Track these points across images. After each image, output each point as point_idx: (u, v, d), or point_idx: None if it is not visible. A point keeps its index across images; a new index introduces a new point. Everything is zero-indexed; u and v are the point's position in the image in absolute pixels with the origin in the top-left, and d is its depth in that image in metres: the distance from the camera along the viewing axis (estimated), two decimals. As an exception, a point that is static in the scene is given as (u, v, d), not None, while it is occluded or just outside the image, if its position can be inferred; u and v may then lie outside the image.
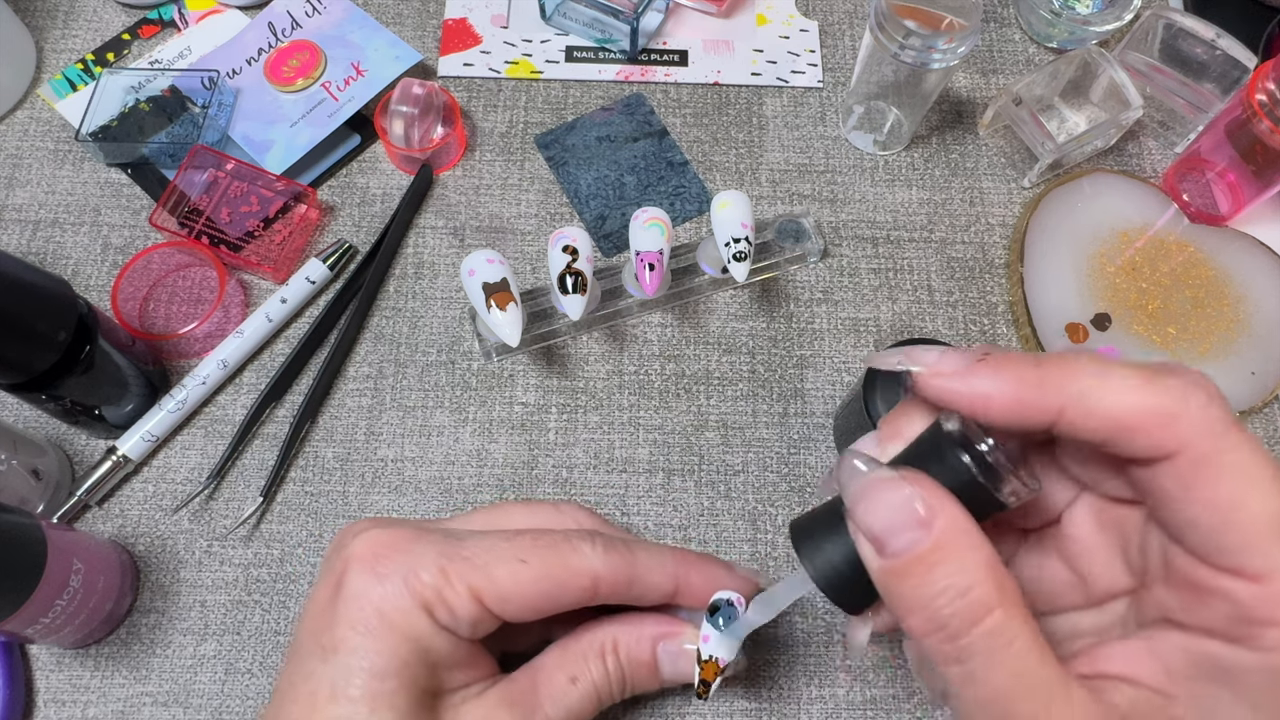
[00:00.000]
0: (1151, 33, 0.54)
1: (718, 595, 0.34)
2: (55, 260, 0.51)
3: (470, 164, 0.55)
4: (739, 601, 0.34)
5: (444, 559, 0.32)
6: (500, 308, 0.43)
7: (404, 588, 0.31)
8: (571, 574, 0.33)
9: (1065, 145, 0.52)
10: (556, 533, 0.34)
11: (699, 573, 0.35)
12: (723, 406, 0.49)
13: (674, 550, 0.36)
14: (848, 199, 0.54)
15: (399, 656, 0.31)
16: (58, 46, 0.57)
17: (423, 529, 0.34)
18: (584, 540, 0.34)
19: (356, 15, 0.57)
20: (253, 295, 0.51)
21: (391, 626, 0.31)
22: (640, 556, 0.34)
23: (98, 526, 0.45)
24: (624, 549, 0.34)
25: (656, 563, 0.35)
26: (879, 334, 0.51)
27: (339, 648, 0.31)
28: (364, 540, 0.32)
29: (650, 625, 0.35)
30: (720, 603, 0.34)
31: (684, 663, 0.35)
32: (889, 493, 0.23)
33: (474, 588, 0.32)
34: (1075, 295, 0.51)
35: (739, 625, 0.34)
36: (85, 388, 0.42)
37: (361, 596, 0.31)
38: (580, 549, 0.33)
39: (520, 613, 0.33)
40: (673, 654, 0.35)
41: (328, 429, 0.48)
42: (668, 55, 0.58)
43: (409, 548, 0.32)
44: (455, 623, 0.32)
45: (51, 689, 0.42)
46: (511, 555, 0.32)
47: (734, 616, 0.34)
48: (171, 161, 0.53)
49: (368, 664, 0.30)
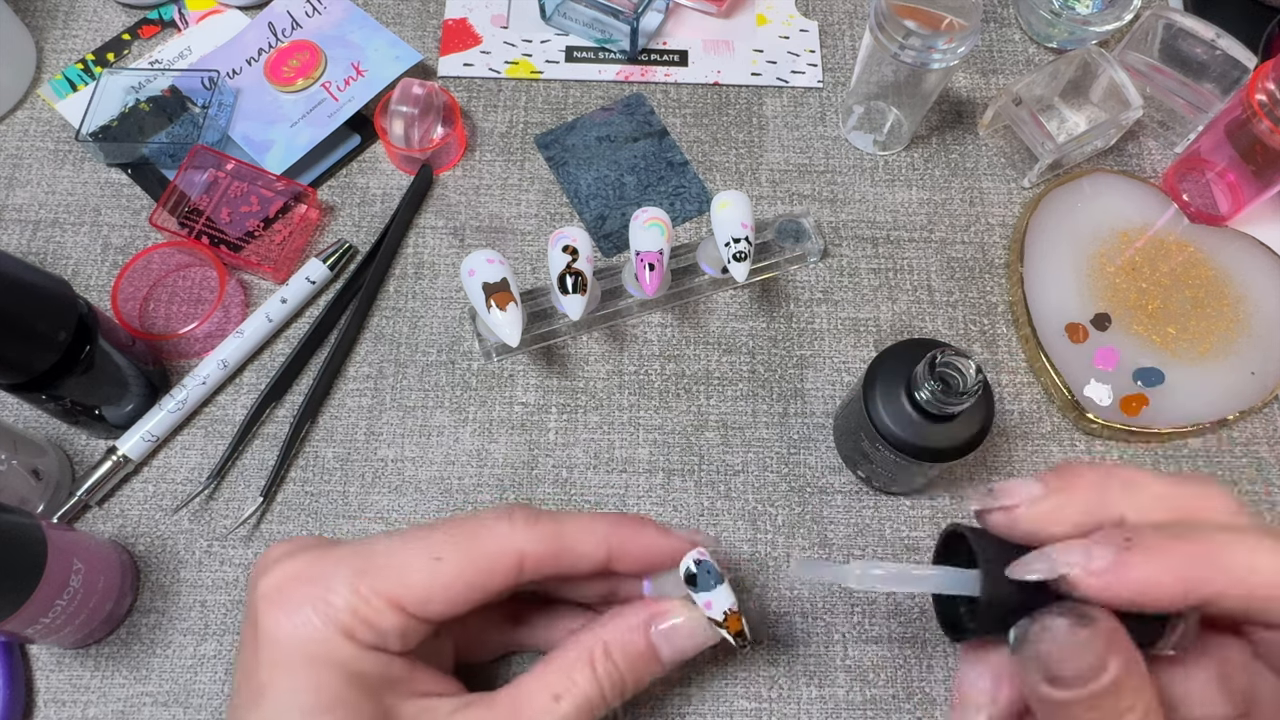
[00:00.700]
0: (1151, 33, 0.54)
1: (686, 562, 0.34)
2: (55, 260, 0.51)
3: (470, 164, 0.55)
4: (705, 555, 0.34)
5: (354, 577, 0.31)
6: (500, 308, 0.43)
7: (317, 618, 0.30)
8: (492, 557, 0.32)
9: (1065, 145, 0.52)
10: (471, 518, 0.33)
11: (632, 537, 0.34)
12: (723, 406, 0.49)
13: (604, 516, 0.35)
14: (848, 199, 0.54)
15: (329, 689, 0.30)
16: (58, 46, 0.57)
17: (331, 547, 0.33)
18: (500, 519, 0.33)
19: (356, 15, 0.57)
20: (253, 295, 0.51)
21: (313, 660, 0.30)
22: (567, 526, 0.33)
23: (98, 526, 0.45)
24: (548, 519, 0.33)
25: (585, 530, 0.34)
26: (879, 334, 0.51)
27: (266, 692, 0.30)
28: (271, 577, 0.31)
29: (633, 614, 0.35)
30: (693, 569, 0.33)
31: (680, 639, 0.34)
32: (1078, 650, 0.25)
33: (391, 597, 0.31)
34: (1075, 295, 0.51)
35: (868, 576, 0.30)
36: (85, 388, 0.42)
37: (277, 636, 0.30)
38: (496, 529, 0.33)
39: (447, 609, 0.32)
40: (666, 633, 0.34)
41: (328, 429, 0.48)
42: (668, 55, 0.58)
43: (316, 575, 0.31)
44: (381, 638, 0.31)
45: (51, 689, 0.42)
46: (424, 554, 0.32)
47: (712, 571, 0.33)
48: (172, 161, 0.53)
49: (297, 703, 0.30)
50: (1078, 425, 0.48)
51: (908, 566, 0.30)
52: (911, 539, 0.46)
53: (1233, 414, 0.48)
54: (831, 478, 0.47)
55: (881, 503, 0.47)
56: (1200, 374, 0.49)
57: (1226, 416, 0.48)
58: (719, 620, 0.34)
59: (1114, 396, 0.48)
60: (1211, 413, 0.48)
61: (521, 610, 0.40)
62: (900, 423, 0.40)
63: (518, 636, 0.40)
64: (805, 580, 0.32)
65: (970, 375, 0.37)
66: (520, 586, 0.33)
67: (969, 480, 0.47)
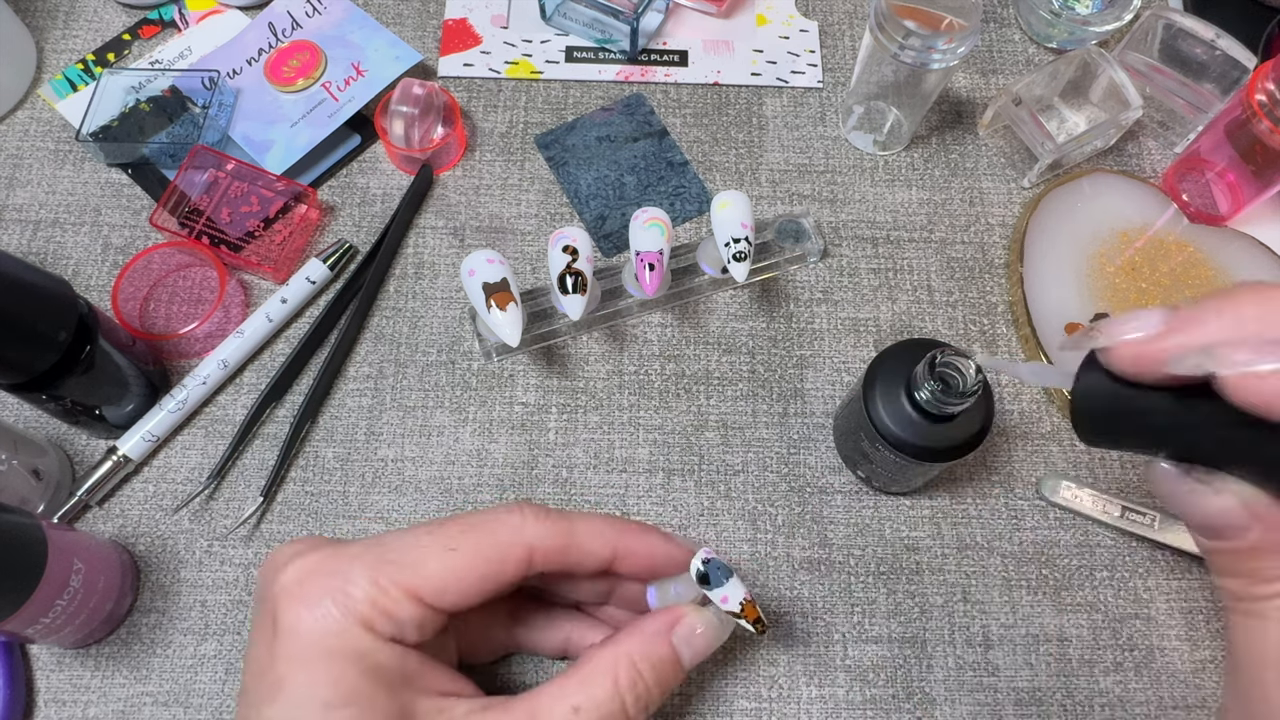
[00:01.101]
0: (1151, 33, 0.54)
1: (695, 563, 0.35)
2: (56, 260, 0.51)
3: (470, 164, 0.55)
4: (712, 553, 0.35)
5: (372, 569, 0.31)
6: (500, 308, 0.43)
7: (338, 610, 0.31)
8: (503, 547, 0.33)
9: (1065, 145, 0.52)
10: (482, 512, 0.34)
11: (637, 539, 0.35)
12: (723, 406, 0.49)
13: (611, 518, 0.36)
14: (848, 199, 0.54)
15: (347, 683, 0.30)
16: (58, 47, 0.57)
17: (345, 544, 0.33)
18: (511, 512, 0.34)
19: (356, 15, 0.57)
20: (253, 295, 0.51)
21: (332, 654, 0.30)
22: (577, 524, 0.34)
23: (98, 526, 0.45)
24: (559, 515, 0.34)
25: (594, 529, 0.35)
26: (879, 334, 0.51)
27: (283, 686, 0.30)
28: (290, 571, 0.32)
29: (651, 624, 0.35)
30: (703, 568, 0.35)
31: (699, 641, 0.35)
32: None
33: (408, 587, 0.31)
34: (1075, 295, 0.51)
35: (1027, 369, 0.33)
36: (85, 388, 0.42)
37: (297, 629, 0.31)
38: (508, 521, 0.33)
39: (462, 599, 0.32)
40: (686, 638, 0.35)
41: (328, 429, 0.48)
42: (668, 55, 0.58)
43: (335, 568, 0.32)
44: (399, 629, 0.31)
45: (52, 689, 0.42)
46: (438, 545, 0.32)
47: (721, 566, 0.35)
48: (172, 161, 0.53)
49: (316, 696, 0.30)
50: (1078, 425, 0.48)
51: (1034, 364, 0.31)
52: (911, 539, 0.46)
53: (1232, 414, 0.48)
54: (831, 478, 0.47)
55: (881, 503, 0.47)
56: (1200, 374, 0.49)
57: (1226, 416, 0.48)
58: (736, 611, 0.35)
59: (1114, 396, 0.48)
60: (1211, 413, 0.48)
61: (521, 610, 0.40)
62: (900, 423, 0.40)
63: (517, 636, 0.40)
64: (988, 368, 0.34)
65: (970, 375, 0.37)
66: (528, 581, 0.34)
67: (969, 480, 0.47)
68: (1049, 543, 0.46)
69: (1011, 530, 0.46)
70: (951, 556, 0.46)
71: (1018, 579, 0.45)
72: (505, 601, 0.39)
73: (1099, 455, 0.48)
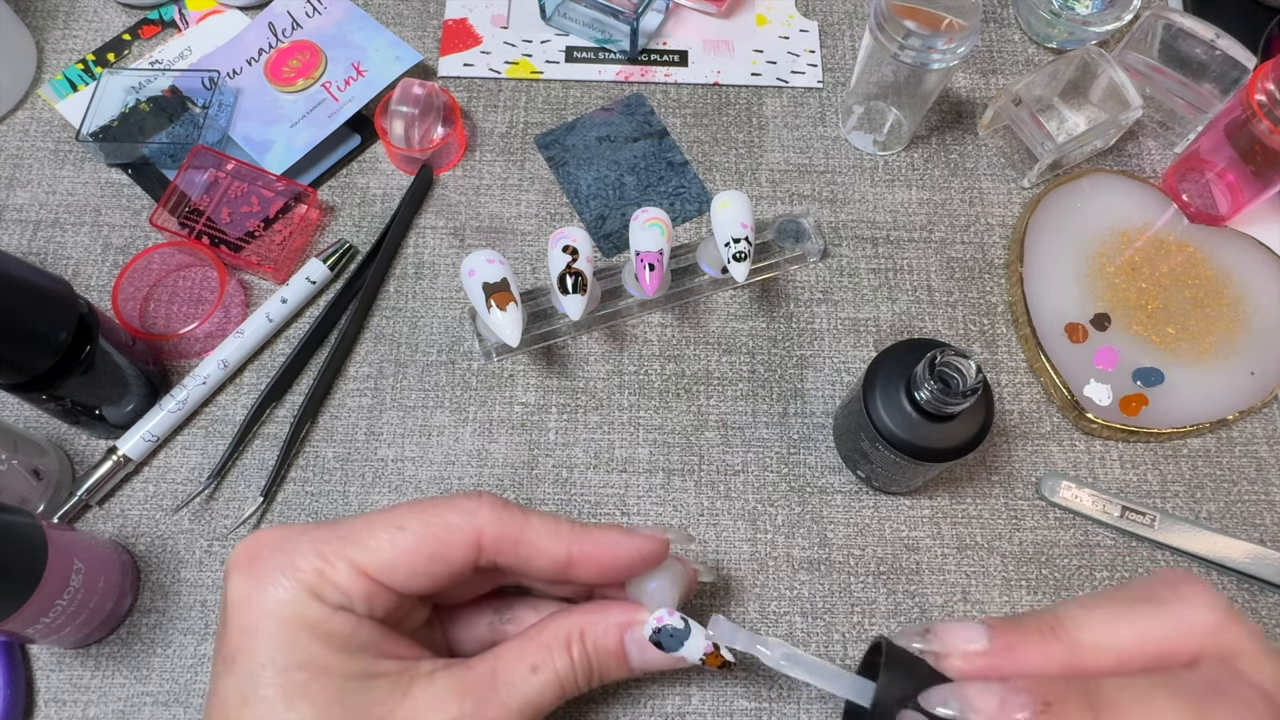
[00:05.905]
0: (1151, 33, 0.54)
1: (650, 625, 0.35)
2: (56, 260, 0.51)
3: (470, 164, 0.55)
4: (671, 614, 0.35)
5: (319, 543, 0.32)
6: (500, 308, 0.43)
7: (285, 579, 0.31)
8: (452, 529, 0.33)
9: (1065, 145, 0.52)
10: (439, 497, 0.34)
11: (595, 541, 0.35)
12: (723, 406, 0.49)
13: (572, 521, 0.36)
14: (848, 199, 0.54)
15: (300, 647, 0.30)
16: (58, 47, 0.57)
17: (299, 525, 0.34)
18: (469, 498, 0.34)
19: (357, 15, 0.57)
20: (253, 295, 0.51)
21: (282, 621, 0.31)
22: (532, 518, 0.34)
23: (98, 526, 0.45)
24: (516, 508, 0.34)
25: (549, 528, 0.34)
26: (879, 334, 0.51)
27: (237, 656, 0.31)
28: (241, 549, 0.32)
29: (616, 613, 0.35)
30: (658, 637, 0.35)
31: (651, 654, 0.35)
32: None
33: (354, 562, 0.32)
34: (1075, 295, 0.51)
35: (778, 657, 0.33)
36: (85, 388, 0.42)
37: (245, 600, 0.31)
38: (462, 505, 0.33)
39: (409, 579, 0.32)
40: (639, 643, 0.35)
41: (328, 429, 0.48)
42: (668, 55, 0.58)
43: (282, 544, 0.32)
44: (347, 599, 0.32)
45: (52, 689, 0.42)
46: (387, 523, 0.33)
47: (675, 631, 0.34)
48: (172, 162, 0.53)
49: (272, 661, 0.30)
50: (1077, 425, 0.49)
51: (819, 662, 0.32)
52: (911, 539, 0.46)
53: (1232, 414, 0.48)
54: (831, 478, 0.47)
55: (881, 503, 0.47)
56: (1200, 374, 0.49)
57: (1226, 416, 0.48)
58: (698, 663, 0.35)
59: (1113, 396, 0.48)
60: (1211, 413, 0.48)
61: (510, 606, 0.40)
62: (900, 423, 0.40)
63: (505, 630, 0.40)
64: (724, 642, 0.34)
65: (970, 375, 0.37)
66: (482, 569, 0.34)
67: (969, 480, 0.47)
68: (1049, 543, 0.46)
69: (1011, 530, 0.46)
70: (951, 556, 0.46)
71: (1018, 579, 0.45)
72: (491, 596, 0.39)
73: (1099, 455, 0.48)
